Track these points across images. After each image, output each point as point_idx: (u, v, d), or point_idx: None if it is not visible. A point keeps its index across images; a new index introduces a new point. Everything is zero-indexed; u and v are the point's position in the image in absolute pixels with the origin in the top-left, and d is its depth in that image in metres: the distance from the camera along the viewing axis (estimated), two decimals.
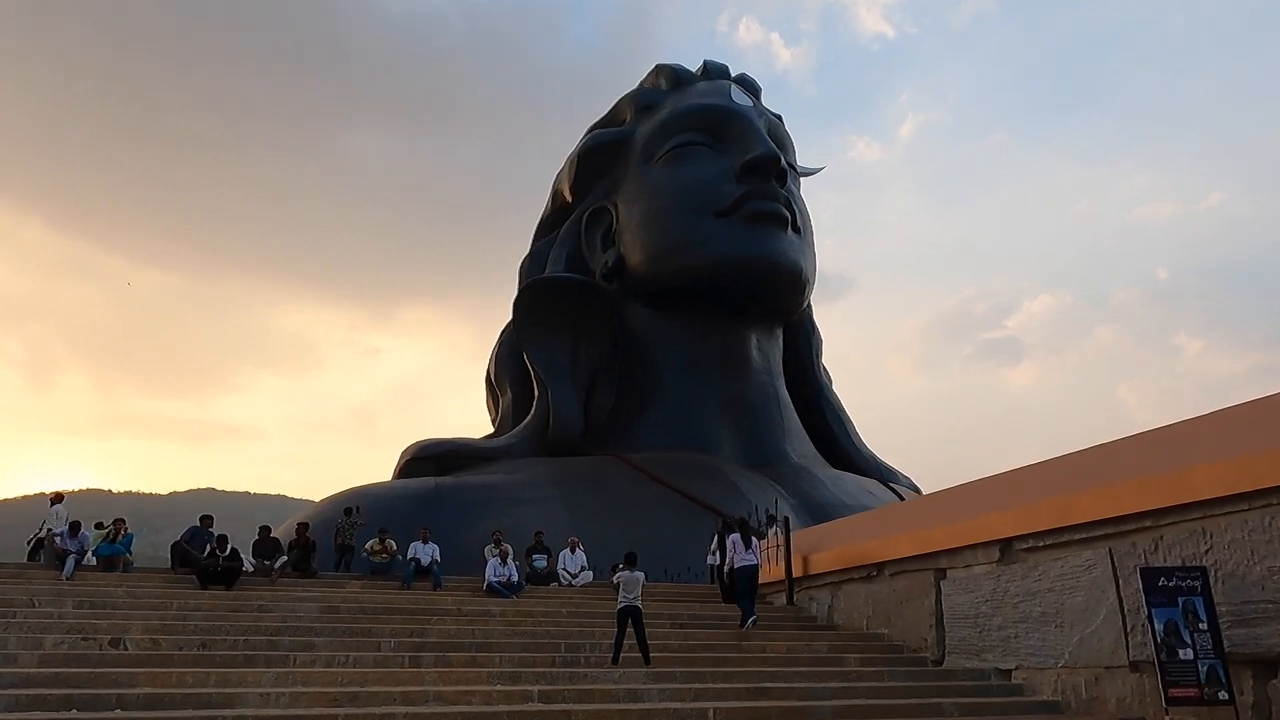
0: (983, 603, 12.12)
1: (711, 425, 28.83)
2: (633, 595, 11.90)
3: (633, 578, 12.01)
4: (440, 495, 25.55)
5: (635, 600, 11.85)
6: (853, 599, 14.70)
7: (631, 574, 12.14)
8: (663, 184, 29.70)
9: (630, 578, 11.95)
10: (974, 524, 12.25)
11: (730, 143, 29.56)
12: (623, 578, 12.10)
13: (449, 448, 28.91)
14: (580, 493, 26.01)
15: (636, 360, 30.22)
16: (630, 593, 11.77)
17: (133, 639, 10.88)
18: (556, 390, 29.14)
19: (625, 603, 11.83)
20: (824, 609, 15.27)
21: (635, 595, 11.81)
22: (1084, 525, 10.69)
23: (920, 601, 13.23)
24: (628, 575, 12.11)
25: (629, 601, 11.76)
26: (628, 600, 11.80)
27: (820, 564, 15.44)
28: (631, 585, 11.88)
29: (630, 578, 11.95)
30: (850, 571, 14.74)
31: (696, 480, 26.55)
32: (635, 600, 11.85)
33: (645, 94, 32.55)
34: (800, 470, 28.65)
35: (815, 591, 15.68)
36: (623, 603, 11.81)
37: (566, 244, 32.09)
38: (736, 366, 29.59)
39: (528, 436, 29.15)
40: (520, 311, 30.04)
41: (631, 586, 11.90)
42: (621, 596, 11.89)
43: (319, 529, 22.48)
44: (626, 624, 11.77)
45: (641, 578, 12.21)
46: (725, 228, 28.15)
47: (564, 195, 33.06)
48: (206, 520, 16.11)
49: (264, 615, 12.71)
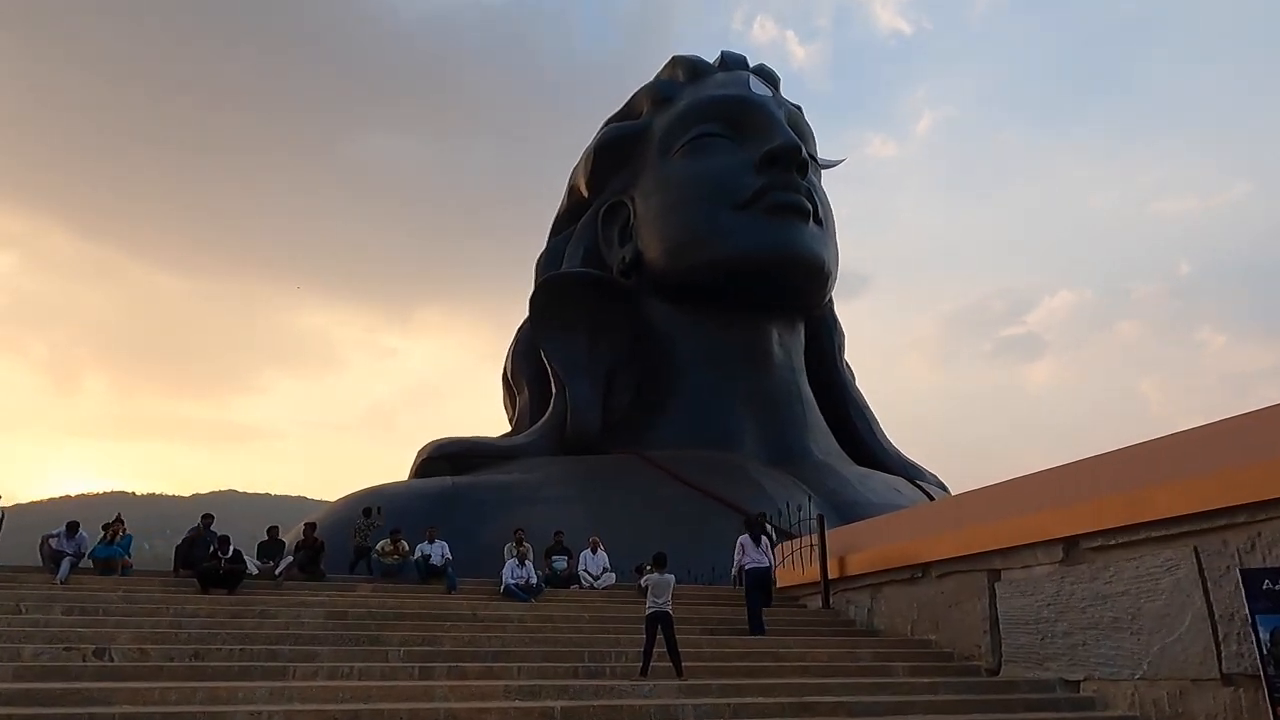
0: (1044, 607, 10.90)
1: (733, 422, 27.68)
2: (663, 600, 10.72)
3: (662, 580, 10.83)
4: (457, 495, 24.53)
5: (666, 605, 10.68)
6: (895, 602, 13.48)
7: (661, 576, 10.94)
8: (681, 176, 28.63)
9: (660, 580, 10.78)
10: (1033, 521, 11.04)
11: (750, 134, 28.47)
12: (651, 580, 10.93)
13: (465, 447, 27.84)
14: (599, 491, 24.96)
15: (655, 356, 29.10)
16: (660, 597, 10.59)
17: (120, 648, 9.79)
18: (574, 387, 28.06)
19: (655, 608, 10.66)
20: (863, 612, 14.05)
21: (665, 600, 10.63)
22: (1163, 522, 9.47)
23: (971, 605, 12.01)
24: (657, 578, 10.91)
25: (659, 607, 10.60)
26: (657, 605, 10.63)
27: (858, 565, 14.23)
28: (661, 589, 10.70)
29: (660, 580, 10.78)
30: (891, 573, 13.53)
31: (719, 478, 25.43)
32: (666, 605, 10.68)
33: (662, 86, 31.46)
34: (825, 468, 27.47)
35: (853, 594, 14.46)
36: (652, 608, 10.65)
37: (583, 239, 31.03)
38: (758, 362, 28.43)
39: (545, 434, 28.07)
40: (537, 308, 28.98)
41: (661, 590, 10.73)
42: (650, 601, 10.73)
43: (332, 530, 21.46)
44: (656, 631, 10.60)
45: (672, 580, 11.02)
46: (746, 220, 27.07)
47: (580, 190, 32.01)
48: (207, 520, 15.05)
49: (265, 622, 11.61)
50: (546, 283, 29.28)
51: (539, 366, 29.72)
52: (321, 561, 15.12)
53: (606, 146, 31.05)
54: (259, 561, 14.69)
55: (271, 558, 14.78)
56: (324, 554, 15.25)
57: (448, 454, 27.40)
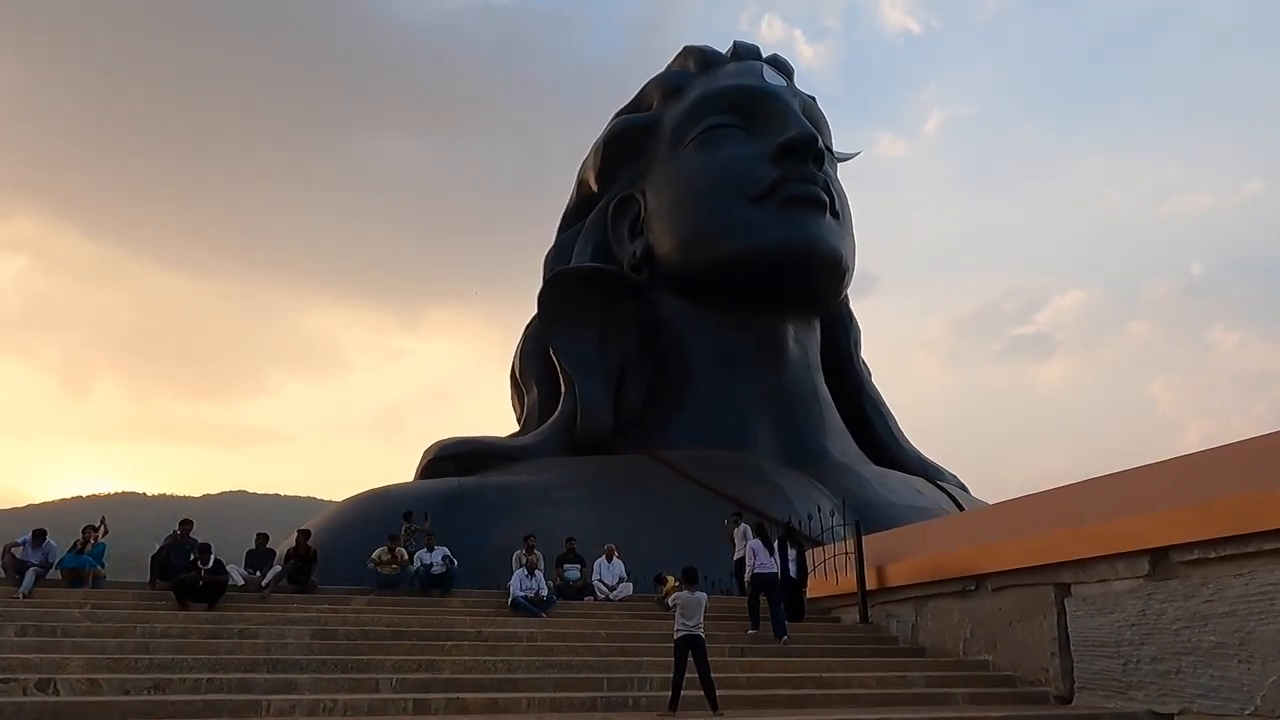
0: (1127, 627, 9.33)
1: (748, 421, 26.12)
2: (694, 622, 9.24)
3: (693, 600, 9.35)
4: (463, 496, 23.06)
5: (698, 628, 9.18)
6: (944, 617, 11.90)
7: (692, 595, 9.48)
8: (693, 169, 27.09)
9: (690, 600, 9.30)
10: (1111, 529, 9.48)
11: (764, 125, 26.93)
12: (681, 600, 9.44)
13: (472, 447, 26.32)
14: (611, 493, 23.47)
15: (667, 354, 27.57)
16: (690, 619, 9.10)
17: (67, 679, 8.27)
18: (584, 385, 26.54)
19: (685, 631, 9.16)
20: (906, 628, 12.47)
21: (697, 622, 9.14)
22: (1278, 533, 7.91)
23: (1036, 623, 10.44)
24: (687, 597, 9.43)
25: (689, 630, 9.09)
26: (688, 628, 9.13)
27: (899, 575, 12.66)
28: (692, 609, 9.24)
29: (690, 600, 9.30)
30: (939, 585, 11.96)
31: (734, 480, 23.88)
32: (698, 628, 9.18)
33: (673, 77, 29.93)
34: (843, 468, 25.89)
35: (894, 607, 12.89)
36: (682, 631, 9.13)
37: (593, 234, 29.47)
38: (773, 359, 26.85)
39: (555, 434, 26.53)
40: (545, 304, 27.50)
41: (692, 611, 9.25)
42: (679, 624, 9.21)
43: (330, 537, 20.05)
44: (687, 657, 9.10)
45: (704, 600, 9.56)
46: (760, 213, 25.53)
47: (589, 184, 30.48)
48: (185, 526, 13.51)
49: (243, 643, 10.08)
50: (555, 278, 27.76)
51: (548, 365, 28.21)
52: (314, 572, 13.58)
53: (616, 139, 29.52)
54: (245, 571, 13.15)
55: (259, 567, 13.23)
56: (317, 564, 13.71)
57: (454, 454, 25.91)
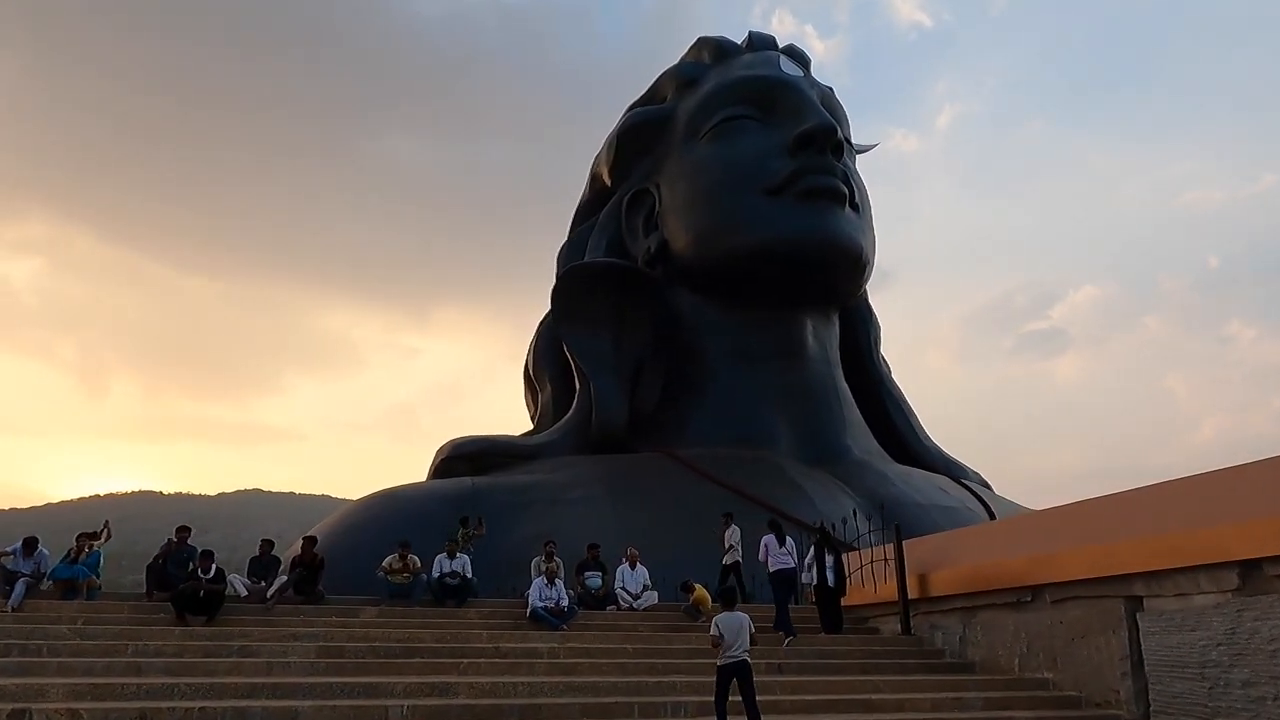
0: (1213, 647, 8.29)
1: (767, 419, 25.11)
2: (739, 646, 8.13)
3: (734, 622, 8.23)
4: (476, 497, 22.12)
5: (744, 653, 8.11)
6: (996, 630, 10.87)
7: (732, 616, 8.38)
8: (709, 161, 26.06)
9: (731, 623, 8.18)
10: (1193, 537, 8.45)
11: (781, 116, 25.85)
12: (722, 624, 8.30)
13: (485, 446, 25.37)
14: (628, 492, 22.52)
15: (684, 350, 26.53)
16: (735, 643, 8.01)
17: (44, 709, 7.32)
18: (599, 382, 25.55)
19: (730, 658, 8.07)
20: (953, 641, 11.45)
21: (743, 645, 8.05)
22: None
23: (1103, 639, 9.41)
24: (728, 620, 8.31)
25: (736, 656, 8.01)
26: (731, 655, 8.04)
27: (944, 584, 11.63)
28: (735, 632, 8.11)
29: (731, 623, 8.18)
30: (990, 595, 10.93)
31: (754, 479, 22.89)
32: (744, 653, 8.11)
33: (687, 68, 28.90)
34: (865, 466, 24.87)
35: (939, 618, 11.86)
36: (727, 657, 8.06)
37: (606, 229, 28.48)
38: (792, 355, 25.82)
39: (569, 432, 25.56)
40: (559, 300, 26.47)
41: (735, 634, 8.12)
42: (724, 649, 8.15)
43: (338, 542, 19.16)
44: (730, 686, 8.08)
45: (746, 622, 8.42)
46: (778, 205, 24.52)
47: (603, 179, 29.46)
48: (183, 533, 12.57)
49: (243, 663, 9.12)
50: (569, 273, 26.76)
51: (562, 362, 27.24)
52: (321, 581, 12.61)
53: (630, 132, 28.50)
54: (249, 581, 12.19)
55: (264, 576, 12.27)
56: (324, 572, 12.74)
57: (467, 453, 24.99)
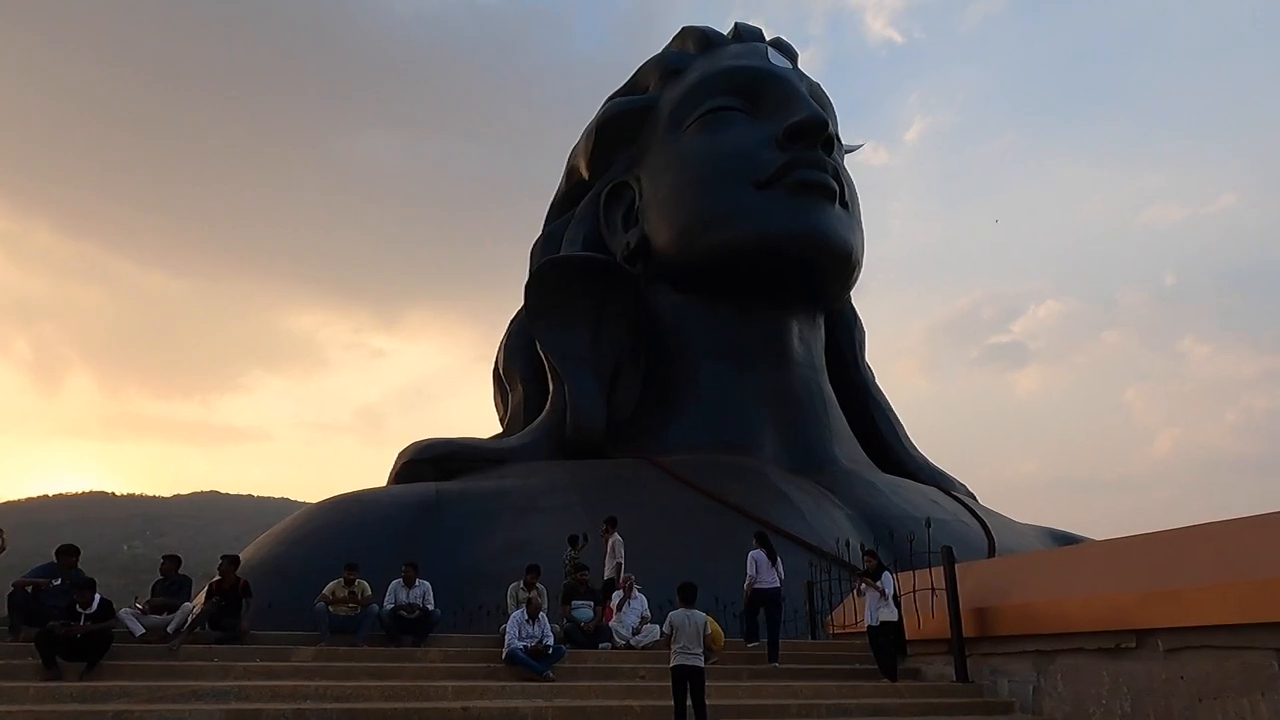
0: None
1: (750, 424, 22.93)
2: (689, 648, 7.34)
3: (687, 622, 7.48)
4: (442, 504, 19.60)
5: (695, 657, 7.34)
6: (1084, 681, 8.39)
7: (686, 615, 7.60)
8: (694, 153, 23.84)
9: (684, 622, 7.44)
10: None
11: (770, 108, 23.83)
12: (675, 621, 7.57)
13: (452, 448, 22.84)
14: (605, 500, 20.00)
15: (663, 351, 24.32)
16: (687, 644, 7.29)
17: None
18: (575, 382, 23.08)
19: (681, 659, 7.28)
20: (1025, 692, 8.95)
21: (695, 648, 7.28)
22: None
23: (1246, 703, 7.09)
24: (681, 617, 7.58)
25: (686, 657, 7.25)
26: (684, 655, 7.27)
27: (1010, 620, 9.16)
28: (687, 633, 7.37)
29: (684, 622, 7.44)
30: (1075, 638, 8.48)
31: (738, 487, 20.67)
32: (695, 657, 7.34)
33: (672, 58, 26.65)
34: (853, 476, 22.73)
35: (1002, 662, 9.37)
36: (677, 658, 7.28)
37: (584, 223, 26.09)
38: (776, 358, 23.69)
39: (542, 436, 23.07)
40: (534, 295, 23.97)
41: (686, 634, 7.37)
42: (675, 648, 7.36)
43: (279, 564, 16.48)
44: (685, 690, 7.24)
45: (701, 622, 7.64)
46: (767, 200, 22.51)
47: (580, 171, 27.07)
48: (66, 557, 9.54)
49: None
50: (545, 267, 24.29)
51: (535, 361, 24.77)
52: (246, 614, 9.74)
53: (610, 122, 26.20)
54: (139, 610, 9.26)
55: (170, 608, 9.38)
56: (250, 602, 9.87)
57: (432, 457, 22.43)
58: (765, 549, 12.12)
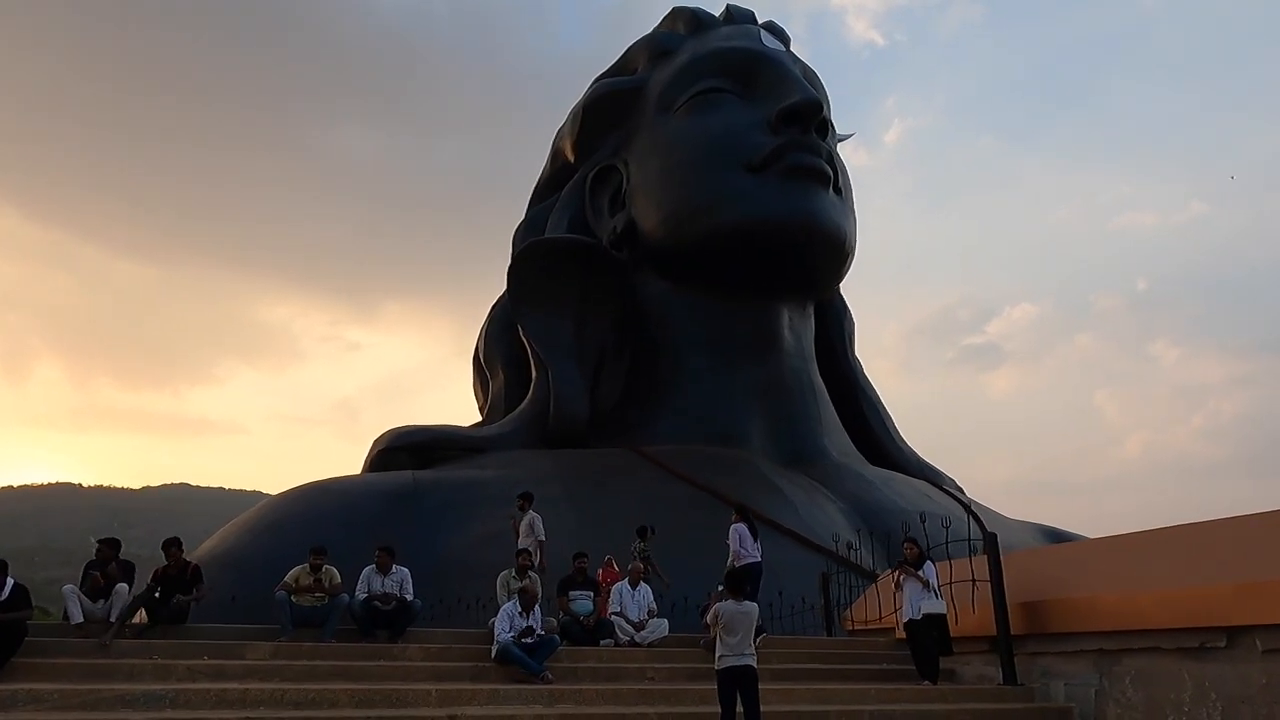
0: None
1: (740, 416, 21.91)
2: (743, 646, 5.74)
3: (740, 614, 5.95)
4: (418, 492, 18.33)
5: (749, 656, 5.73)
6: (1161, 685, 7.17)
7: (739, 607, 6.07)
8: (684, 135, 22.71)
9: (737, 614, 5.90)
10: None
11: (763, 91, 22.79)
12: (725, 614, 6.00)
13: (430, 436, 21.56)
14: (590, 491, 19.00)
15: (649, 340, 23.12)
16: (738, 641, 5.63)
17: None
18: (559, 370, 21.84)
19: (733, 660, 5.69)
20: (1085, 697, 7.74)
21: (749, 647, 5.68)
22: None
23: None
24: (732, 609, 6.02)
25: (738, 658, 5.64)
26: (735, 656, 5.66)
27: (1066, 615, 7.94)
28: (739, 627, 5.79)
29: (737, 614, 5.90)
30: (1151, 635, 7.18)
31: (729, 479, 19.69)
32: (749, 656, 5.73)
33: (662, 38, 25.50)
34: (844, 469, 21.76)
35: (1057, 662, 8.14)
36: (728, 659, 5.68)
37: (568, 207, 24.84)
38: (766, 348, 22.66)
39: (524, 425, 21.83)
40: (517, 278, 22.71)
41: (739, 629, 5.78)
42: (723, 648, 5.77)
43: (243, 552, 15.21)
44: (736, 697, 5.67)
45: (755, 614, 6.21)
46: (759, 184, 21.48)
47: (566, 154, 25.82)
48: None
49: None
50: (529, 249, 23.02)
51: (517, 348, 23.55)
52: (195, 599, 8.26)
53: (597, 103, 25.00)
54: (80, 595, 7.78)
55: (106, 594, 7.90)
56: (201, 589, 8.40)
57: (409, 444, 21.01)
58: (747, 523, 11.51)
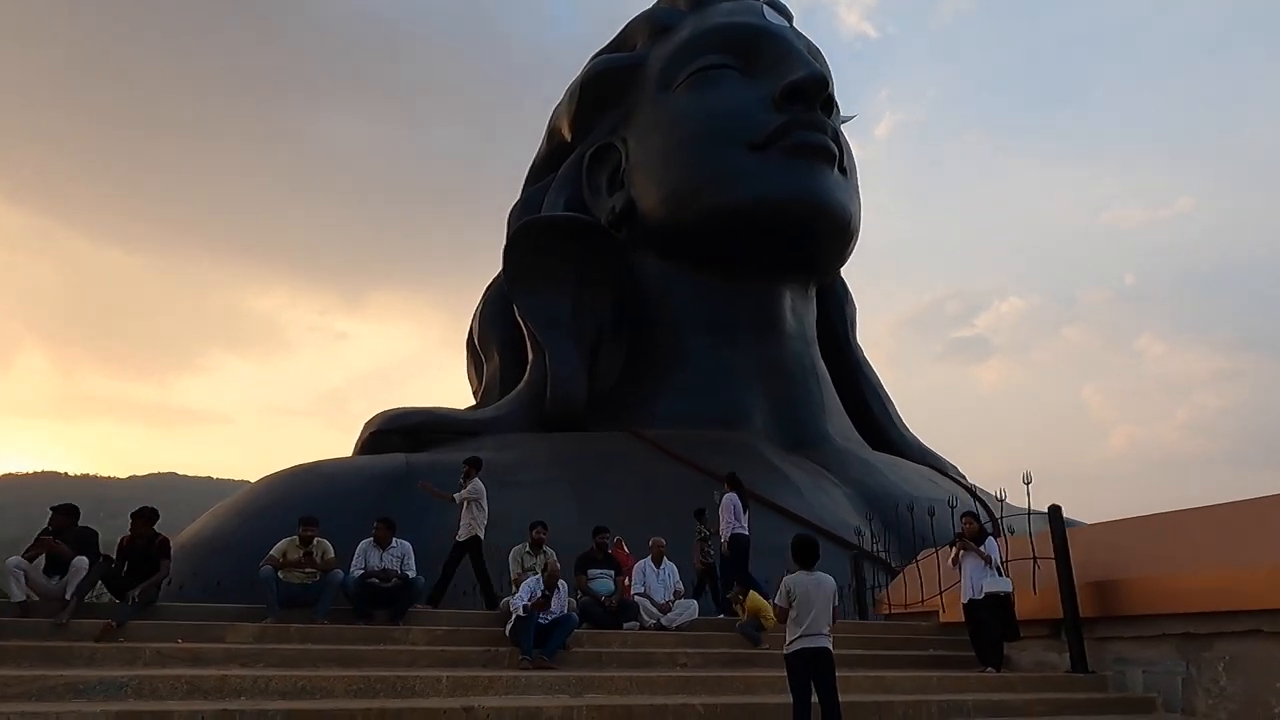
0: None
1: (740, 398, 21.14)
2: (818, 627, 4.69)
3: (816, 587, 4.81)
4: (412, 476, 17.20)
5: (824, 637, 4.71)
6: (1263, 673, 6.27)
7: (812, 578, 4.94)
8: (686, 112, 21.86)
9: (812, 587, 4.76)
10: None
11: (766, 67, 21.94)
12: (798, 587, 4.88)
13: (423, 418, 20.70)
14: (589, 475, 18.23)
15: (648, 321, 22.30)
16: (813, 619, 4.55)
17: None
18: (556, 351, 20.95)
19: (806, 641, 4.65)
20: (1170, 686, 6.85)
21: (824, 627, 4.64)
22: None
23: None
24: (804, 580, 4.92)
25: (814, 639, 4.61)
26: (811, 636, 4.61)
27: (1144, 596, 7.04)
28: (816, 603, 4.69)
29: (812, 587, 4.76)
30: (1251, 617, 6.29)
31: (728, 462, 18.32)
32: (824, 637, 4.71)
33: (662, 14, 24.64)
34: (847, 454, 21.03)
35: (1133, 648, 7.24)
36: (800, 642, 4.63)
37: (565, 187, 23.93)
38: (767, 330, 21.91)
39: (520, 407, 20.93)
40: (513, 257, 21.88)
41: (815, 605, 4.70)
42: (795, 628, 4.69)
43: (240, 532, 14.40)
44: (809, 682, 4.60)
45: (833, 589, 5.05)
46: (763, 162, 20.68)
47: (562, 132, 24.87)
48: None
49: None
50: (526, 226, 22.11)
51: (513, 329, 22.71)
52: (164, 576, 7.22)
53: (595, 81, 24.08)
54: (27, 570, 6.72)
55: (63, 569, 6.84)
56: (168, 565, 7.35)
57: (402, 427, 20.05)
58: (738, 492, 11.11)
